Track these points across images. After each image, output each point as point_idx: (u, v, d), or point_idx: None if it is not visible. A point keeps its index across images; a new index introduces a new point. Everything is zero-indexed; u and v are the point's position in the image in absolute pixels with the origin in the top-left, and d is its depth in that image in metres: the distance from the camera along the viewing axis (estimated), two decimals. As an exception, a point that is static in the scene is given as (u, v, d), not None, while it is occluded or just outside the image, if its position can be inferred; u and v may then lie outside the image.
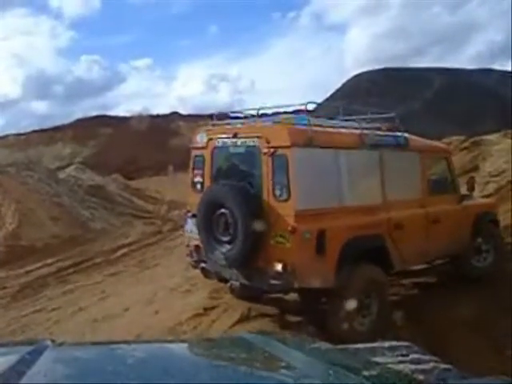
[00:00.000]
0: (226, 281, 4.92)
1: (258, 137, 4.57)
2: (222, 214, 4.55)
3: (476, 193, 10.59)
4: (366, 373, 1.10)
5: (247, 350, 1.34)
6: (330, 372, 1.10)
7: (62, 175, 16.41)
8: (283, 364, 1.17)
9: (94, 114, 52.63)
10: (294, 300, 5.19)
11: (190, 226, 5.13)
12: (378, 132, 5.38)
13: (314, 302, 4.85)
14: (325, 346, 1.46)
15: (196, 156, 5.19)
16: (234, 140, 4.79)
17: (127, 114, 52.79)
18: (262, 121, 5.02)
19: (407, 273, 6.20)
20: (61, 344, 1.37)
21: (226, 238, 4.56)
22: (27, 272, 8.55)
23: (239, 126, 5.08)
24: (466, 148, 14.19)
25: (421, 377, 1.34)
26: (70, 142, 44.02)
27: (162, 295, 6.08)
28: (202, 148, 5.08)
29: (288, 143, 4.36)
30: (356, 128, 5.22)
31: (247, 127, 4.97)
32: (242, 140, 4.72)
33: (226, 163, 4.99)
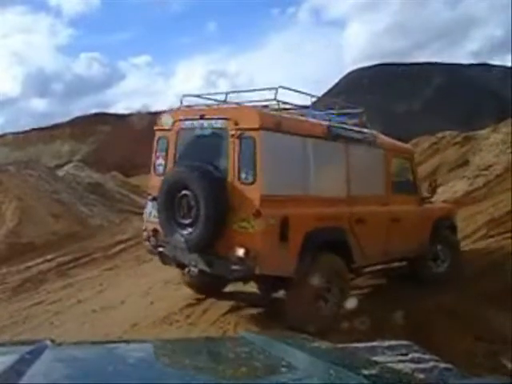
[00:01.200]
0: (184, 267, 4.79)
1: (226, 119, 4.46)
2: (185, 196, 4.43)
3: (465, 186, 10.89)
4: (365, 372, 1.10)
5: (247, 349, 1.33)
6: (330, 372, 1.10)
7: (61, 173, 16.62)
8: (283, 364, 1.17)
9: (94, 111, 52.77)
10: (249, 292, 5.13)
11: (150, 209, 4.99)
12: (346, 126, 5.32)
13: (272, 292, 4.72)
14: (325, 345, 1.46)
15: (160, 138, 5.05)
16: (201, 122, 4.67)
17: (126, 112, 52.97)
18: (230, 103, 4.86)
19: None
20: (60, 344, 1.39)
21: (187, 221, 4.43)
22: (28, 267, 8.78)
23: (206, 108, 4.96)
24: (458, 143, 14.46)
25: (421, 376, 1.35)
26: (69, 139, 44.15)
27: (157, 287, 6.32)
28: (167, 130, 4.95)
29: (257, 125, 4.26)
30: (324, 120, 5.13)
31: (215, 109, 4.86)
32: (209, 122, 4.60)
33: (191, 145, 4.83)
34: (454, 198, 10.38)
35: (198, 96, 5.17)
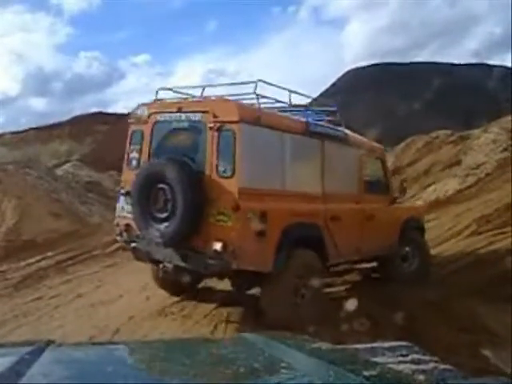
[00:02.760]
0: (158, 262, 4.67)
1: (204, 111, 4.38)
2: (160, 189, 4.33)
3: (456, 185, 11.11)
4: (366, 373, 1.09)
5: (247, 350, 1.33)
6: (330, 372, 1.09)
7: (59, 172, 16.82)
8: (283, 364, 1.17)
9: (92, 111, 52.81)
10: (224, 290, 5.19)
11: (122, 203, 4.88)
12: (322, 123, 5.33)
13: (247, 289, 4.70)
14: (325, 345, 1.45)
15: (134, 131, 4.94)
16: (178, 115, 4.58)
17: (125, 111, 53.02)
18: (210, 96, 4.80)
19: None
20: (60, 345, 1.39)
21: (162, 215, 4.33)
22: (28, 264, 8.94)
23: (184, 100, 4.89)
24: (451, 142, 14.67)
25: (421, 377, 1.34)
26: (67, 139, 44.20)
27: (154, 284, 6.50)
28: (142, 123, 4.85)
29: (236, 118, 4.20)
30: (302, 116, 5.12)
31: (193, 102, 4.78)
32: (187, 114, 4.51)
33: (167, 139, 4.74)
34: (446, 196, 10.62)
35: (171, 89, 5.11)
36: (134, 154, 4.89)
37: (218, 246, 4.07)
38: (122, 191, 4.92)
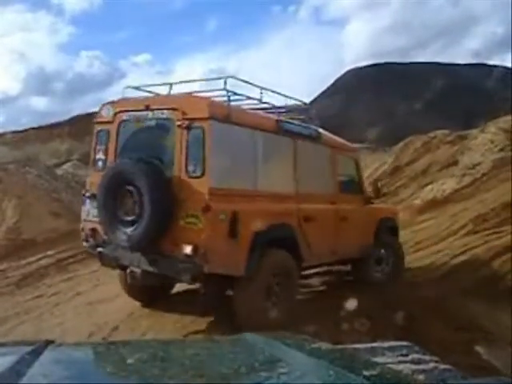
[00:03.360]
0: (125, 268, 4.50)
1: (173, 109, 4.21)
2: (127, 191, 4.15)
3: (453, 184, 11.19)
4: (366, 373, 1.09)
5: (247, 349, 1.33)
6: (331, 372, 1.09)
7: (59, 172, 16.89)
8: (283, 364, 1.17)
9: (92, 110, 52.84)
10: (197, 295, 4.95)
11: (88, 207, 4.69)
12: (294, 121, 5.20)
13: (220, 292, 4.59)
14: (325, 346, 1.44)
15: (99, 131, 4.75)
16: (145, 113, 4.39)
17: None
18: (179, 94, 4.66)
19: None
20: (60, 344, 1.39)
21: (130, 218, 4.15)
22: (28, 263, 9.04)
23: (152, 98, 4.74)
24: (449, 142, 14.76)
25: (421, 377, 1.35)
26: (67, 138, 44.22)
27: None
28: (108, 122, 4.65)
29: (206, 115, 4.03)
30: (273, 113, 5.03)
31: (161, 99, 4.59)
32: (155, 112, 4.33)
33: (134, 138, 4.55)
34: (443, 195, 10.71)
35: (138, 88, 4.97)
36: (100, 155, 4.71)
37: (188, 249, 3.90)
38: (88, 194, 4.71)
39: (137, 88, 4.98)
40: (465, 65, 60.99)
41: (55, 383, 1.02)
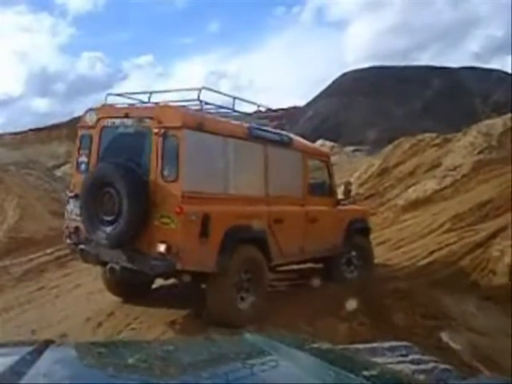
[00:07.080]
0: (105, 264, 4.80)
1: (149, 117, 4.56)
2: (107, 192, 4.46)
3: (434, 185, 11.68)
4: (366, 373, 1.09)
5: (247, 350, 1.34)
6: (331, 372, 1.10)
7: (58, 173, 17.30)
8: (283, 364, 1.18)
9: (90, 112, 52.95)
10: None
11: (71, 207, 5.00)
12: (265, 127, 5.52)
13: (196, 286, 4.89)
14: (325, 345, 1.45)
15: (83, 136, 5.05)
16: (125, 120, 4.72)
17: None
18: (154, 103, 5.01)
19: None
20: (60, 344, 1.43)
21: (109, 218, 4.47)
22: (29, 260, 9.41)
23: (131, 106, 5.05)
24: (436, 145, 15.23)
25: (421, 377, 1.38)
26: (66, 140, 44.35)
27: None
28: (91, 127, 4.96)
29: (180, 124, 4.37)
30: (245, 120, 5.36)
31: (139, 108, 4.95)
32: (133, 120, 4.67)
33: (115, 143, 4.86)
34: (425, 196, 11.20)
35: (120, 95, 5.28)
36: (83, 158, 5.01)
37: (161, 247, 4.23)
38: (71, 194, 5.03)
39: (119, 95, 5.31)
40: (460, 68, 61.53)
41: (55, 383, 1.02)
